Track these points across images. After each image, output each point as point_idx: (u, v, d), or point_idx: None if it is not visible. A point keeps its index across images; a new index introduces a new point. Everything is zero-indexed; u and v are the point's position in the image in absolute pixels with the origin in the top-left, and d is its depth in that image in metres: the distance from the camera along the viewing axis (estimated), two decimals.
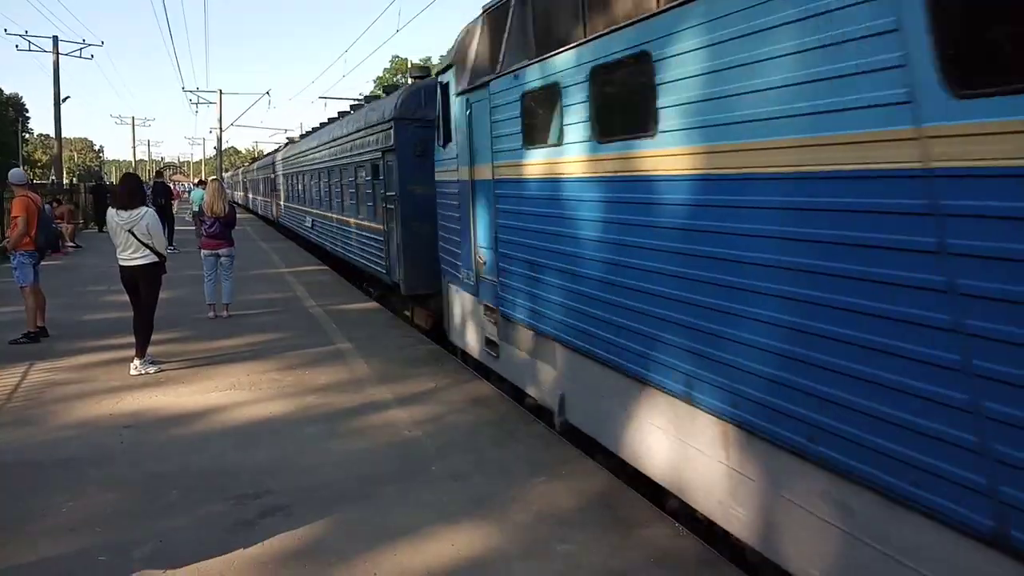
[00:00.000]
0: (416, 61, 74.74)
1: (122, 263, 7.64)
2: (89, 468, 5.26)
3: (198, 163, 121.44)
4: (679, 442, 4.28)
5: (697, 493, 4.15)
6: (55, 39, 34.65)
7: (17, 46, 34.68)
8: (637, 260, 4.44)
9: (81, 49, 36.67)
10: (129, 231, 7.46)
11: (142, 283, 7.64)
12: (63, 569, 3.90)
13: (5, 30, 36.71)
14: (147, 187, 12.67)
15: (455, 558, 4.00)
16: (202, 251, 10.89)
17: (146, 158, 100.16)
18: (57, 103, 34.93)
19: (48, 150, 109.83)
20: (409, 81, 13.43)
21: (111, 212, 7.63)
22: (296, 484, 4.95)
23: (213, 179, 11.75)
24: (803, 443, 3.22)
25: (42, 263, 9.87)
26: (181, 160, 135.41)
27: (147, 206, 7.71)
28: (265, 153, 51.55)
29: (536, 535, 4.24)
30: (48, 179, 46.23)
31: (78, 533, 4.30)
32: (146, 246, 7.51)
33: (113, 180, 45.75)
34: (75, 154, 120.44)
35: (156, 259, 7.63)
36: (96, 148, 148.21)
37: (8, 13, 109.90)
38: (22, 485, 4.98)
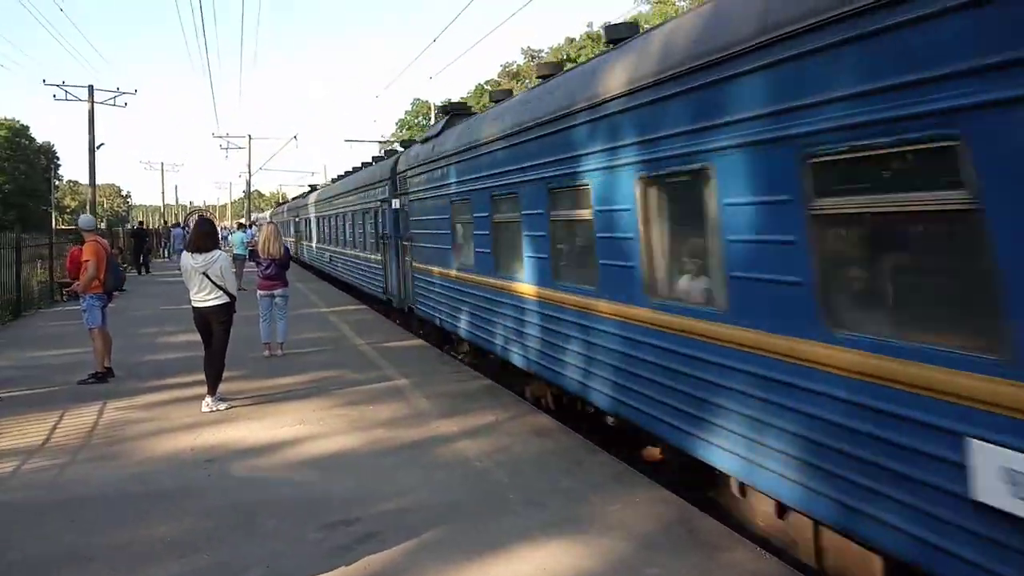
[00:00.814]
0: (437, 103, 76.02)
1: (196, 304, 8.01)
2: (183, 499, 5.53)
3: (223, 206, 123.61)
4: None
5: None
6: (91, 88, 35.62)
7: (55, 96, 35.67)
8: None
9: (115, 97, 37.56)
10: (203, 273, 7.84)
11: (215, 323, 8.00)
12: None
13: (44, 80, 37.51)
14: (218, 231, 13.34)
15: None
16: (258, 292, 11.28)
17: (174, 202, 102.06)
18: (92, 151, 35.77)
19: (76, 195, 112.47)
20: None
21: (186, 255, 8.02)
22: (383, 511, 5.19)
23: (269, 222, 12.18)
24: None
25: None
26: (207, 204, 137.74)
27: (220, 249, 8.10)
28: (290, 197, 55.43)
29: (622, 557, 4.43)
30: (75, 225, 47.35)
31: (187, 559, 4.55)
32: (219, 287, 7.88)
33: (142, 224, 46.76)
34: (104, 199, 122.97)
35: (228, 299, 7.99)
36: (124, 193, 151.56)
37: (40, 59, 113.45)
38: (123, 515, 5.26)
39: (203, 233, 8.04)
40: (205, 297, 7.94)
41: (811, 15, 3.74)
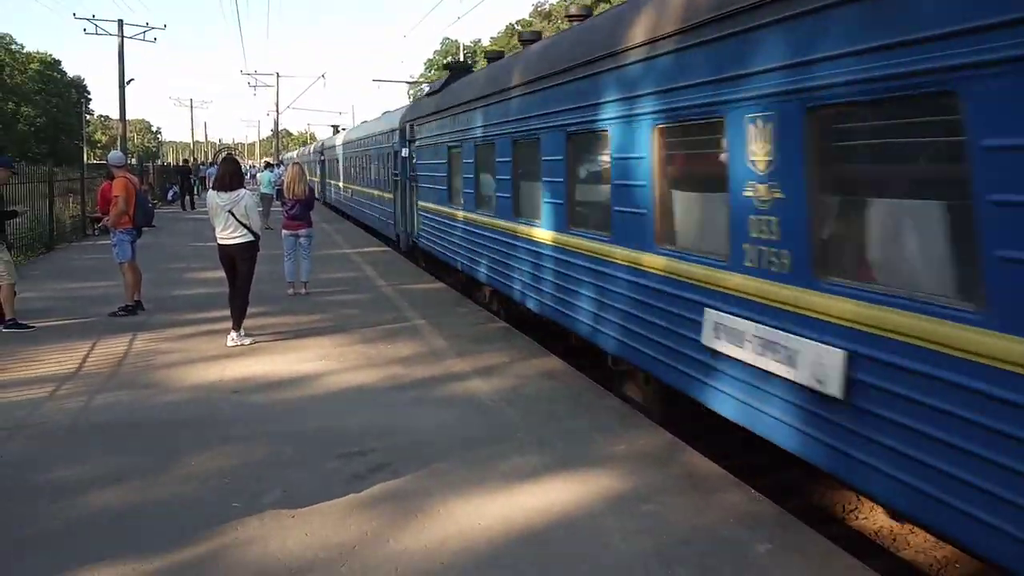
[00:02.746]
0: (466, 43, 74.93)
1: (221, 242, 8.22)
2: (207, 428, 5.81)
3: (251, 144, 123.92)
4: None
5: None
6: (120, 23, 35.54)
7: (85, 30, 35.78)
8: None
9: (145, 32, 37.34)
10: (229, 211, 8.03)
11: (239, 260, 8.22)
12: (203, 511, 4.42)
13: (74, 14, 37.48)
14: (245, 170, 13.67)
15: (550, 512, 4.41)
16: (283, 231, 11.48)
17: (203, 139, 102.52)
18: (122, 86, 35.94)
19: (107, 131, 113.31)
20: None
21: (212, 193, 8.20)
22: (397, 444, 5.43)
23: (295, 163, 12.31)
24: None
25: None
26: (236, 142, 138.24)
27: (245, 188, 8.26)
28: (318, 137, 56.53)
29: (621, 494, 4.63)
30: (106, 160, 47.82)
31: (210, 482, 4.83)
32: (244, 226, 8.08)
33: (187, 161, 47.14)
34: (135, 135, 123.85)
35: (253, 238, 8.19)
36: (154, 129, 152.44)
37: None
38: (151, 441, 5.55)
39: (229, 172, 8.19)
40: (231, 235, 8.14)
41: None
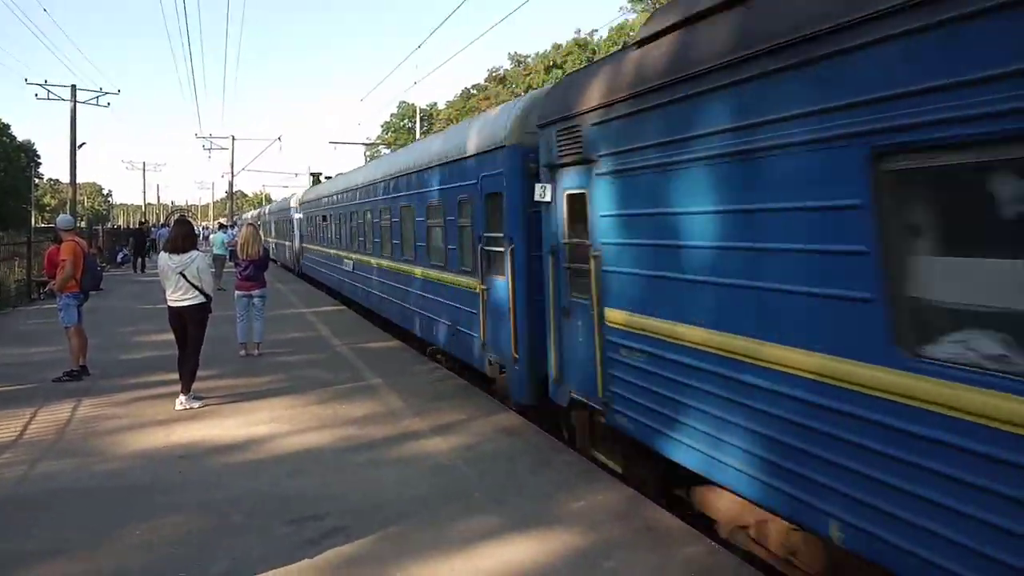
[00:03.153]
0: (423, 106, 76.09)
1: (172, 304, 8.07)
2: (154, 494, 5.61)
3: (205, 206, 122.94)
4: None
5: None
6: (73, 88, 35.25)
7: (36, 95, 35.14)
8: None
9: (98, 97, 37.02)
10: (180, 273, 7.91)
11: (190, 323, 8.06)
12: None
13: (26, 79, 37.03)
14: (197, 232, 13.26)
15: (508, 573, 4.33)
16: (236, 291, 11.32)
17: (155, 202, 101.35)
18: (73, 151, 35.36)
19: (57, 194, 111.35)
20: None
21: (163, 255, 8.09)
22: (350, 507, 5.29)
23: (249, 224, 12.23)
24: None
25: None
26: (189, 204, 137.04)
27: (197, 250, 8.17)
28: (274, 198, 52.24)
29: (582, 551, 4.57)
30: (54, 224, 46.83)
31: (155, 551, 4.63)
32: (195, 288, 7.95)
33: (143, 224, 46.42)
34: (85, 198, 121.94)
35: (204, 300, 8.06)
36: (105, 192, 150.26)
37: (22, 58, 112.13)
38: (96, 509, 5.32)
39: (182, 234, 8.11)
40: (182, 297, 8.01)
41: None
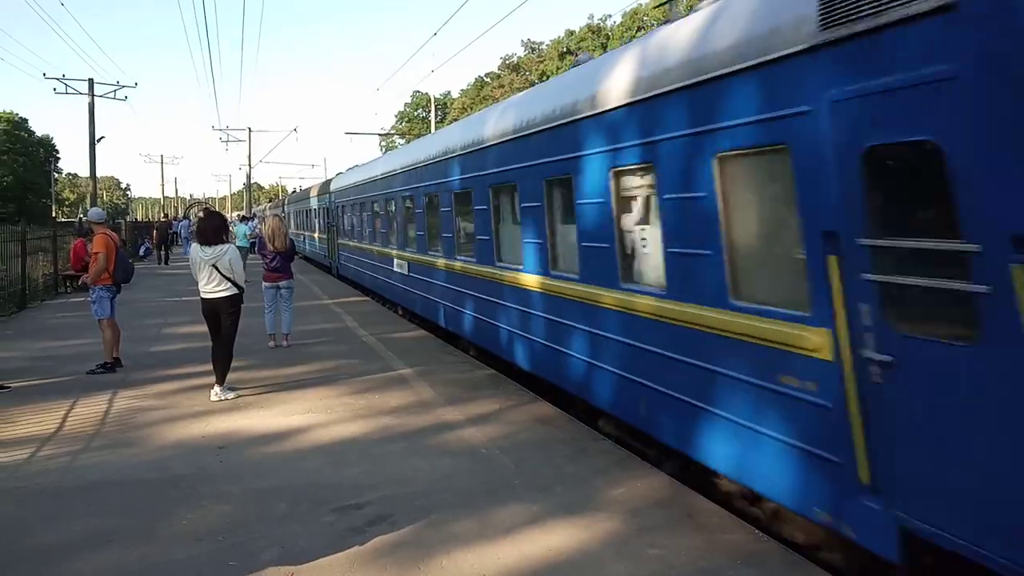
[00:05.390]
0: (437, 95, 76.00)
1: (204, 296, 8.14)
2: (197, 484, 5.68)
3: (222, 198, 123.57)
4: None
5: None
6: (91, 82, 35.43)
7: (55, 89, 35.44)
8: None
9: (115, 91, 37.35)
10: (213, 265, 7.98)
11: (223, 314, 8.13)
12: (200, 572, 4.29)
13: (44, 74, 37.21)
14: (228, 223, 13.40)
15: (553, 559, 4.35)
16: (264, 283, 11.40)
17: (173, 195, 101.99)
18: (92, 144, 35.58)
19: (76, 188, 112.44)
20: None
21: (195, 247, 8.15)
22: (393, 495, 5.34)
23: (275, 215, 12.30)
24: None
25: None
26: (207, 196, 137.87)
27: (229, 242, 8.23)
28: (290, 190, 51.13)
29: (625, 540, 4.58)
30: (77, 217, 47.16)
31: (204, 541, 4.69)
32: (228, 279, 8.02)
33: (167, 217, 46.68)
34: (104, 192, 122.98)
35: (236, 291, 8.13)
36: (123, 186, 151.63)
37: (40, 53, 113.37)
38: (141, 500, 5.39)
39: (214, 227, 8.17)
40: (214, 289, 8.08)
41: None
